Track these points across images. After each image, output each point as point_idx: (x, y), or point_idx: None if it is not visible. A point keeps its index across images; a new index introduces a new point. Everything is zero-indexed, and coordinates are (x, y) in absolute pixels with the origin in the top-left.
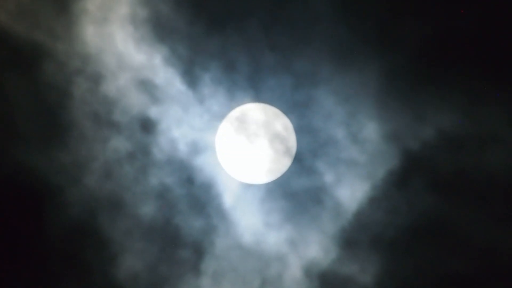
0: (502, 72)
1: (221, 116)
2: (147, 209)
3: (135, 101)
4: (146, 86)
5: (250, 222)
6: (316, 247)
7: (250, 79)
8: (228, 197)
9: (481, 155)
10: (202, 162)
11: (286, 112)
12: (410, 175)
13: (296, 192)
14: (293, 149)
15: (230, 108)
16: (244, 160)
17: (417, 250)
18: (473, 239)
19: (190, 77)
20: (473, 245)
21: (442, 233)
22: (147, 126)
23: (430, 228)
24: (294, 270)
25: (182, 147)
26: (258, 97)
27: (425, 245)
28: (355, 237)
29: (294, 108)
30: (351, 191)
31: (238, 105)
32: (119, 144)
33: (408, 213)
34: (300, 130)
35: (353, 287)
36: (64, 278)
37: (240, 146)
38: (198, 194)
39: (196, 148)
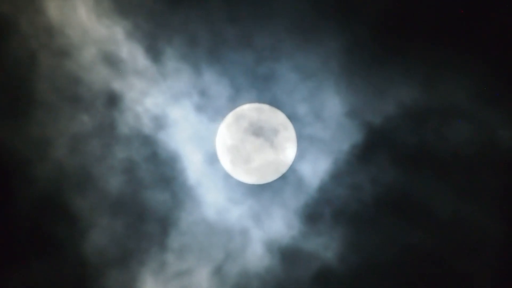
0: (462, 45)
1: (185, 92)
2: (114, 184)
3: (100, 76)
4: (111, 61)
5: (214, 197)
6: (279, 222)
7: (212, 53)
8: (193, 173)
9: (443, 129)
10: (166, 137)
11: (249, 87)
12: (373, 150)
13: (258, 167)
14: (256, 125)
15: (194, 83)
16: (207, 136)
17: (380, 224)
18: (436, 212)
19: (154, 52)
20: (436, 217)
21: (405, 207)
22: (112, 100)
23: (393, 201)
24: (257, 245)
25: (147, 122)
26: (221, 72)
27: (388, 219)
28: (318, 212)
29: (256, 83)
30: (313, 166)
31: (201, 80)
32: (84, 118)
33: (371, 187)
34: (261, 105)
35: (315, 262)
36: (31, 252)
37: (203, 123)
38: (163, 169)
39: (160, 123)
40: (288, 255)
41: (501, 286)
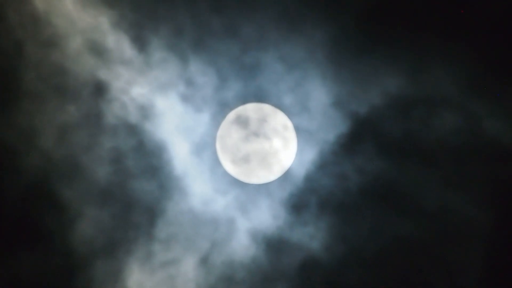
0: (448, 34)
1: (171, 82)
2: (101, 174)
3: (86, 66)
4: (97, 51)
5: (200, 188)
6: (264, 212)
7: (198, 43)
8: (179, 163)
9: (429, 118)
10: (153, 127)
11: (235, 77)
12: (359, 140)
13: (244, 157)
14: (242, 116)
15: (180, 73)
16: (193, 126)
17: (366, 214)
18: (422, 202)
19: (140, 42)
20: (422, 207)
21: (391, 196)
22: (99, 90)
23: (379, 191)
24: (243, 235)
25: (133, 112)
26: (207, 62)
27: (374, 209)
28: (303, 202)
29: (242, 73)
30: (299, 156)
31: (187, 70)
32: (71, 108)
33: (357, 177)
34: (248, 96)
35: (301, 252)
36: (18, 242)
37: (189, 113)
38: (150, 159)
39: (147, 113)
40: (274, 245)
41: (489, 275)
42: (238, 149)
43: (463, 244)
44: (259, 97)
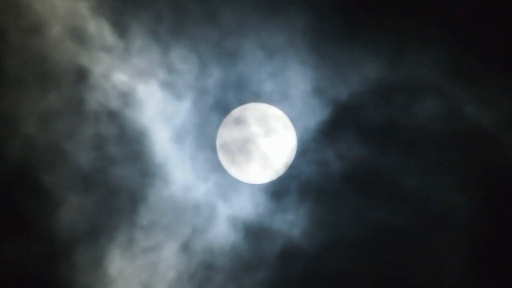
0: (429, 20)
1: (152, 69)
2: (83, 160)
3: (67, 52)
4: (78, 37)
5: (181, 174)
6: (245, 199)
7: (178, 29)
8: (161, 150)
9: (409, 104)
10: (134, 114)
11: (215, 64)
12: (340, 126)
13: (224, 144)
14: (222, 102)
15: (160, 60)
16: (174, 113)
17: (347, 200)
18: (403, 187)
19: (120, 28)
20: (403, 193)
21: (372, 182)
22: (80, 77)
23: (360, 177)
24: (222, 222)
25: (114, 98)
26: (188, 48)
27: (355, 195)
28: (284, 188)
29: (223, 60)
30: (280, 143)
31: (168, 56)
32: (53, 94)
33: (338, 163)
34: (228, 82)
35: (281, 239)
36: (0, 229)
37: (168, 100)
38: (131, 146)
39: (128, 100)
40: (254, 232)
41: (470, 261)
42: (219, 137)
43: (445, 230)
44: (239, 85)
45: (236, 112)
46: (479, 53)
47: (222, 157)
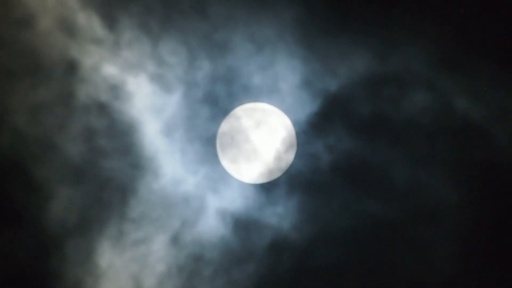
0: (419, 11)
1: (141, 62)
2: (73, 153)
3: (57, 44)
4: (67, 29)
5: (171, 167)
6: (235, 192)
7: (167, 23)
8: (150, 142)
9: (399, 96)
10: (124, 107)
11: (204, 57)
12: (329, 119)
13: (213, 136)
14: (212, 95)
15: (150, 53)
16: (163, 105)
17: (336, 193)
18: (393, 180)
19: (110, 20)
20: (393, 185)
21: (362, 175)
22: (70, 69)
23: (350, 170)
24: (212, 215)
25: (104, 91)
26: (177, 41)
27: (345, 188)
28: (273, 182)
29: (211, 53)
30: (268, 136)
31: (157, 49)
32: (43, 87)
33: (327, 156)
34: (217, 75)
35: (270, 232)
36: None
37: (158, 93)
38: (121, 139)
39: (118, 93)
40: (243, 225)
41: (459, 253)
42: (207, 129)
43: (435, 223)
44: (229, 78)
45: (224, 103)
46: (469, 45)
47: (210, 150)
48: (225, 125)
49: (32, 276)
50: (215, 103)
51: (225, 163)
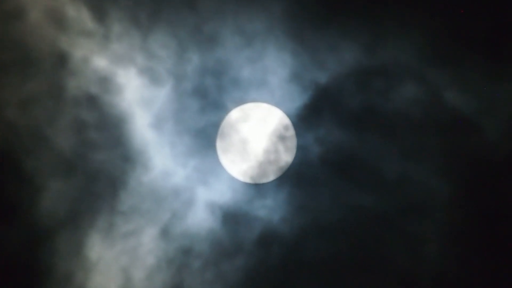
0: (406, 4)
1: (131, 54)
2: (64, 145)
3: (47, 37)
4: (57, 22)
5: (160, 159)
6: (224, 185)
7: (157, 15)
8: (140, 135)
9: (388, 89)
10: (114, 100)
11: (193, 49)
12: (319, 112)
13: (202, 129)
14: (201, 88)
15: (139, 45)
16: (153, 98)
17: (326, 185)
18: (383, 173)
19: (99, 12)
20: (383, 178)
21: (351, 168)
22: (60, 62)
23: (340, 163)
24: (201, 208)
25: (94, 84)
26: (166, 34)
27: (334, 180)
28: (263, 175)
29: (200, 45)
30: (258, 128)
31: (147, 42)
32: (33, 79)
33: (317, 148)
34: (206, 68)
35: (260, 224)
36: None
37: (147, 85)
38: (111, 131)
39: (107, 85)
40: (232, 218)
41: (448, 245)
42: (196, 122)
43: (425, 215)
44: (218, 71)
45: (213, 95)
46: (459, 38)
47: (199, 143)
48: (217, 119)
49: (22, 269)
50: (204, 96)
51: (218, 155)
